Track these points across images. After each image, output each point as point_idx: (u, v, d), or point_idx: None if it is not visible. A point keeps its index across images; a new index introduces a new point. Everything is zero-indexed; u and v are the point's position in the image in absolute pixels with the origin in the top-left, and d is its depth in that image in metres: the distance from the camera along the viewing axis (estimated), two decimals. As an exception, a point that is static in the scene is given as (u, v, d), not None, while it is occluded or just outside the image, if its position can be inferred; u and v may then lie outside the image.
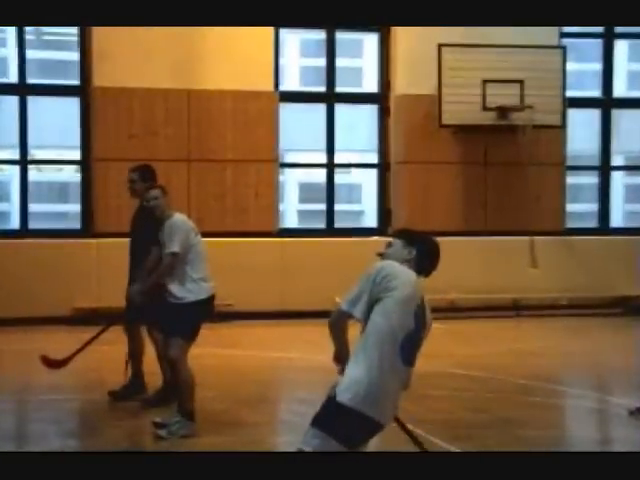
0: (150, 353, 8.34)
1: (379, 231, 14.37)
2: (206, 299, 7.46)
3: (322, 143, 14.60)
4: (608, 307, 14.62)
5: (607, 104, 15.57)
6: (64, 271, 12.96)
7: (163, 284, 7.46)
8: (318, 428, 4.34)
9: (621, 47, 16.05)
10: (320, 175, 14.82)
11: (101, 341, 8.44)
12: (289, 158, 15.29)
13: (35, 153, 14.43)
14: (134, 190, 8.47)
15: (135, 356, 8.44)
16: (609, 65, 15.52)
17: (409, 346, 4.47)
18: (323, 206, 14.69)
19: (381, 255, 4.71)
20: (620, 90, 16.05)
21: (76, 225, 13.88)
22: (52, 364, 8.38)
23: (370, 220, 15.22)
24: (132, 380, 8.40)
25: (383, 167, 14.78)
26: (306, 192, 17.00)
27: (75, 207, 14.11)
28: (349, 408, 4.29)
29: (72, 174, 14.85)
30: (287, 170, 15.63)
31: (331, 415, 4.32)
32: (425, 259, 4.70)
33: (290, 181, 16.80)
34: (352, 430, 4.34)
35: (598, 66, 15.58)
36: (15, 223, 13.95)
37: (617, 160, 16.17)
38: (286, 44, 15.43)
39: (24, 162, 13.78)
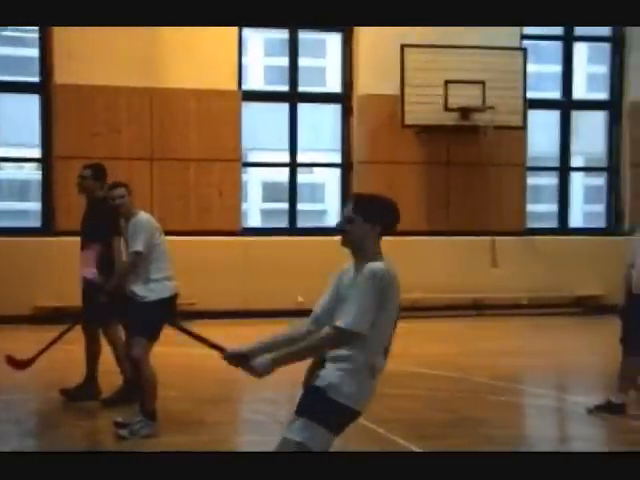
0: (107, 353, 8.25)
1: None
2: (169, 298, 7.39)
3: (285, 142, 14.56)
4: (568, 306, 14.74)
5: (567, 106, 15.66)
6: (25, 270, 12.82)
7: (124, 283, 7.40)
8: (309, 418, 4.34)
9: (581, 49, 16.19)
10: (283, 174, 14.78)
11: (64, 341, 8.34)
12: (252, 157, 15.26)
13: (-5, 151, 14.32)
14: (83, 187, 8.46)
15: (92, 356, 8.35)
16: (569, 67, 15.62)
17: (390, 342, 4.51)
18: (286, 205, 14.65)
19: (344, 232, 4.60)
20: (580, 92, 16.19)
21: (37, 223, 13.75)
22: (17, 364, 8.25)
23: (333, 220, 15.19)
24: (86, 381, 8.30)
25: (346, 167, 14.77)
26: (269, 191, 17.00)
27: (36, 205, 13.99)
28: (344, 405, 4.35)
29: (32, 172, 14.70)
30: (250, 169, 15.61)
31: (325, 408, 4.34)
32: (390, 227, 4.62)
33: (253, 180, 16.80)
34: (343, 421, 4.41)
35: (558, 68, 15.68)
36: (-25, 221, 13.80)
37: (577, 161, 16.31)
38: (249, 43, 15.41)
39: (-16, 160, 13.64)
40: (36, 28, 13.60)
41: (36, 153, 13.86)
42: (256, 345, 4.50)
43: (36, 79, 13.72)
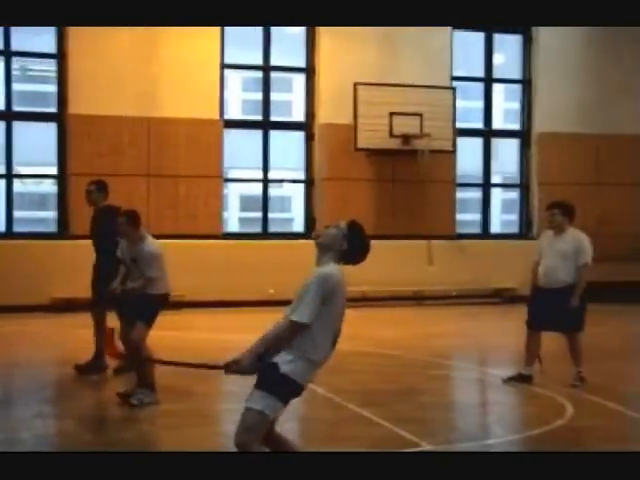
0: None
1: (305, 235, 14.33)
2: (165, 294, 7.38)
3: (259, 162, 14.50)
4: (488, 297, 14.81)
5: (488, 134, 15.75)
6: (43, 267, 12.71)
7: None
8: (266, 391, 4.33)
9: (498, 89, 16.29)
10: (257, 189, 14.72)
11: (76, 325, 8.29)
12: (232, 174, 15.21)
13: (19, 169, 14.15)
14: (91, 199, 8.58)
15: (100, 337, 8.30)
16: (489, 103, 15.72)
17: (338, 334, 4.49)
18: (259, 214, 14.60)
19: (318, 237, 4.56)
20: (498, 123, 16.29)
21: (53, 229, 13.60)
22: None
23: (298, 226, 15.19)
24: (95, 358, 8.25)
25: (309, 182, 14.75)
26: (246, 202, 16.95)
27: (52, 214, 13.84)
28: (292, 379, 4.34)
29: (50, 186, 14.56)
30: (230, 184, 15.57)
31: (277, 381, 4.33)
32: (357, 255, 4.55)
33: (233, 193, 16.75)
34: (290, 393, 4.39)
35: (480, 104, 15.77)
36: (2, 227, 13.60)
37: (496, 179, 16.38)
38: (230, 81, 15.34)
39: (9, 176, 13.46)
40: (54, 67, 13.50)
41: (53, 170, 13.69)
42: (246, 350, 4.46)
43: (54, 110, 13.59)
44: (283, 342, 4.37)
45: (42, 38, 13.48)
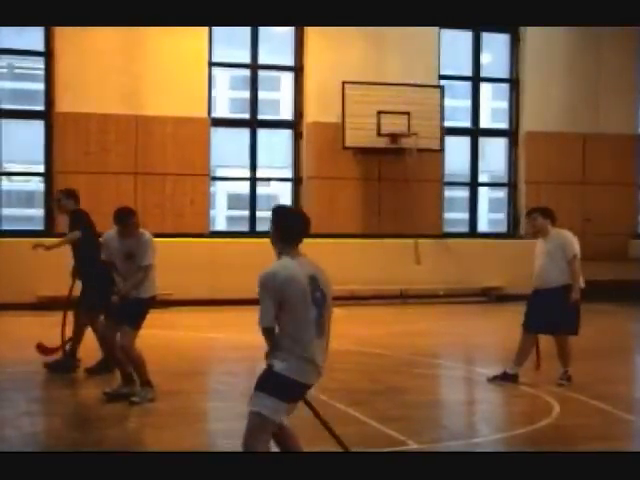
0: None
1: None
2: (153, 297, 7.37)
3: (246, 161, 14.49)
4: (475, 296, 14.83)
5: (475, 133, 15.79)
6: (30, 265, 12.57)
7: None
8: (263, 392, 4.33)
9: (486, 89, 16.32)
10: (244, 187, 14.71)
11: (59, 324, 8.27)
12: (219, 173, 15.14)
13: (6, 166, 14.08)
14: (60, 206, 8.65)
15: (77, 337, 8.33)
16: (476, 102, 15.75)
17: (320, 323, 4.44)
18: (247, 213, 14.57)
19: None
20: (485, 122, 16.31)
21: (40, 226, 13.53)
22: (46, 351, 8.30)
23: (285, 224, 15.13)
24: (69, 357, 8.27)
25: (296, 181, 14.74)
26: (233, 201, 16.89)
27: (39, 212, 13.77)
28: (288, 377, 4.33)
29: (37, 184, 14.48)
30: (217, 182, 15.50)
31: (273, 381, 4.34)
32: (291, 233, 4.48)
33: (220, 192, 16.66)
34: (291, 391, 4.38)
35: (468, 103, 15.80)
36: (-11, 224, 13.57)
37: (483, 178, 16.42)
38: (217, 79, 15.29)
39: (-4, 173, 13.44)
40: (42, 65, 13.44)
41: (40, 168, 13.64)
42: None
43: (41, 108, 13.53)
44: (269, 345, 4.40)
45: (29, 36, 13.41)
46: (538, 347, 8.26)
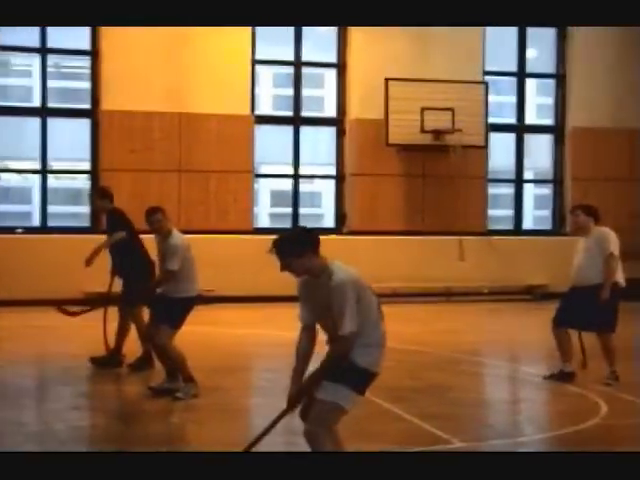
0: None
1: (336, 231, 14.32)
2: (193, 297, 7.41)
3: (289, 158, 14.52)
4: (520, 294, 14.69)
5: (520, 129, 15.62)
6: (76, 262, 12.69)
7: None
8: (342, 383, 4.36)
9: (531, 84, 16.14)
10: (288, 184, 14.74)
11: (109, 319, 8.39)
12: (262, 170, 15.19)
13: (53, 164, 14.27)
14: (97, 207, 9.03)
15: (122, 333, 8.40)
16: (522, 98, 15.59)
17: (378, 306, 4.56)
18: (290, 210, 14.61)
19: (291, 271, 4.55)
20: (531, 118, 16.13)
21: (86, 223, 13.72)
22: (68, 313, 8.57)
23: (328, 222, 15.16)
24: (114, 353, 8.34)
25: (339, 178, 14.73)
26: (276, 198, 16.93)
27: (85, 209, 13.94)
28: (368, 370, 4.44)
29: (83, 182, 14.68)
30: (261, 180, 15.54)
31: (355, 375, 4.40)
32: (310, 246, 4.48)
33: (263, 189, 16.72)
34: (366, 383, 4.49)
35: (513, 99, 15.64)
36: (36, 222, 13.80)
37: (528, 175, 16.24)
38: (261, 76, 15.35)
39: (44, 171, 13.66)
40: (88, 64, 13.63)
41: (86, 166, 13.83)
42: (295, 384, 4.46)
43: (87, 106, 13.70)
44: (345, 357, 4.37)
45: (76, 35, 13.59)
46: (583, 346, 8.15)
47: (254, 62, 14.12)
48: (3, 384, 7.91)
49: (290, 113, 14.58)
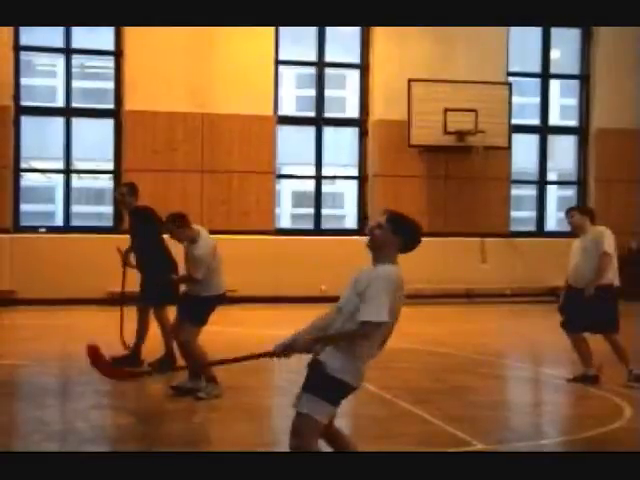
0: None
1: (358, 232, 14.31)
2: (219, 295, 7.41)
3: (312, 158, 14.54)
4: (542, 296, 14.60)
5: (544, 131, 15.55)
6: (100, 261, 12.85)
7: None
8: (315, 395, 4.27)
9: (555, 85, 16.06)
10: (310, 185, 14.75)
11: (133, 319, 8.42)
12: (284, 170, 15.22)
13: (77, 164, 14.37)
14: (124, 202, 8.54)
15: (142, 333, 8.41)
16: (545, 99, 15.51)
17: (389, 334, 4.38)
18: (312, 210, 14.62)
19: (372, 235, 4.42)
20: (554, 119, 16.05)
21: (109, 223, 13.80)
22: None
23: (351, 223, 15.16)
24: (133, 352, 8.35)
25: (362, 179, 14.72)
26: (298, 199, 16.95)
27: (108, 209, 14.04)
28: (343, 381, 4.25)
29: (106, 182, 14.77)
30: (283, 180, 15.57)
31: (327, 385, 4.25)
32: (410, 243, 4.47)
33: (285, 189, 16.76)
34: (341, 395, 4.30)
35: (537, 100, 15.57)
36: (60, 221, 13.89)
37: (551, 176, 16.16)
38: (284, 77, 15.37)
39: (68, 171, 13.76)
40: (111, 65, 13.72)
41: (109, 166, 13.91)
42: (296, 334, 4.39)
43: (111, 106, 13.79)
44: (345, 340, 4.24)
45: (100, 36, 13.68)
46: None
47: (277, 63, 14.16)
48: (28, 383, 7.98)
49: (313, 114, 14.59)
